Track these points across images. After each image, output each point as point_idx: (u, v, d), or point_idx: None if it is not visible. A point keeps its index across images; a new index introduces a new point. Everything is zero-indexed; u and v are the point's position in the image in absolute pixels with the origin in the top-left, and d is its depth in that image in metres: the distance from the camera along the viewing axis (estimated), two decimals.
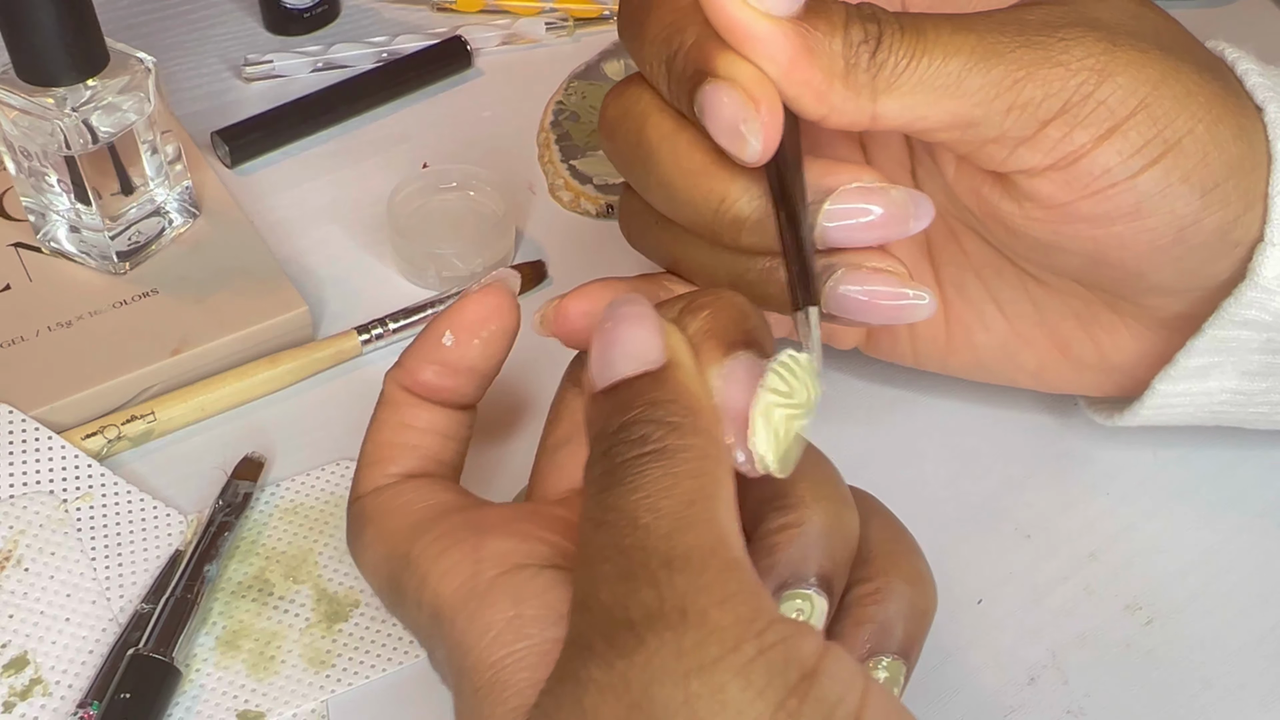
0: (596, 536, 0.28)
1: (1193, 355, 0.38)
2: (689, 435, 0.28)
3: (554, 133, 0.55)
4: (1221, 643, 0.39)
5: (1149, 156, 0.34)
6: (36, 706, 0.37)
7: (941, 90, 0.34)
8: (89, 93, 0.44)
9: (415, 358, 0.35)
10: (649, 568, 0.27)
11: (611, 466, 0.28)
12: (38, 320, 0.46)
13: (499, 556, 0.30)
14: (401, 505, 0.33)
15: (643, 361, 0.30)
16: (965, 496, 0.43)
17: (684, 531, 0.27)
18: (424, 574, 0.31)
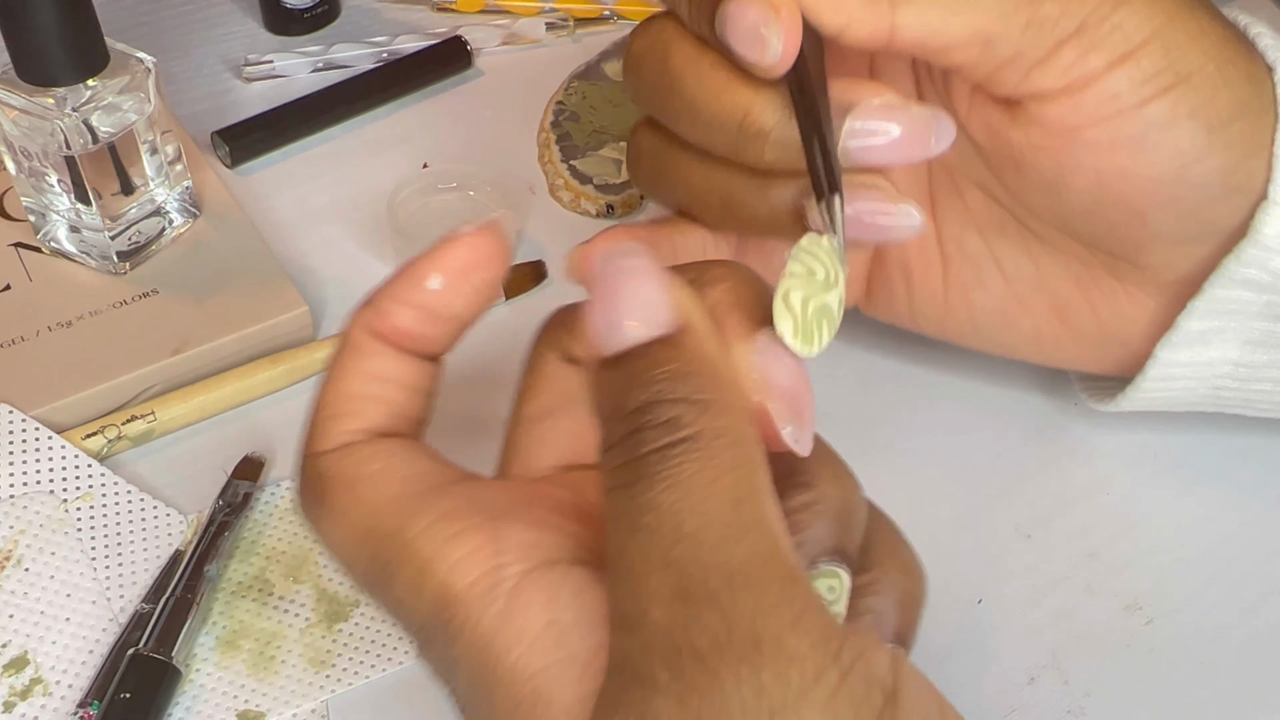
0: (635, 543, 0.25)
1: (1193, 317, 0.38)
2: (720, 415, 0.26)
3: (554, 133, 0.55)
4: (1222, 642, 0.39)
5: (1159, 86, 0.35)
6: (37, 706, 0.37)
7: (960, 2, 0.34)
8: (89, 93, 0.44)
9: (392, 299, 0.31)
10: (708, 586, 0.24)
11: (639, 457, 0.26)
12: (38, 320, 0.46)
13: (523, 549, 0.27)
14: (379, 471, 0.30)
15: (655, 324, 0.27)
16: (965, 496, 0.43)
17: (737, 539, 0.25)
18: (427, 561, 0.28)
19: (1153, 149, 0.35)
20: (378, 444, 0.30)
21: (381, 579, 0.29)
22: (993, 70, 0.35)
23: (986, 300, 0.41)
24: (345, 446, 0.30)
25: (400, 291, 0.31)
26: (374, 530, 0.29)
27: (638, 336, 0.27)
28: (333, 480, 0.30)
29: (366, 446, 0.30)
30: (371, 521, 0.29)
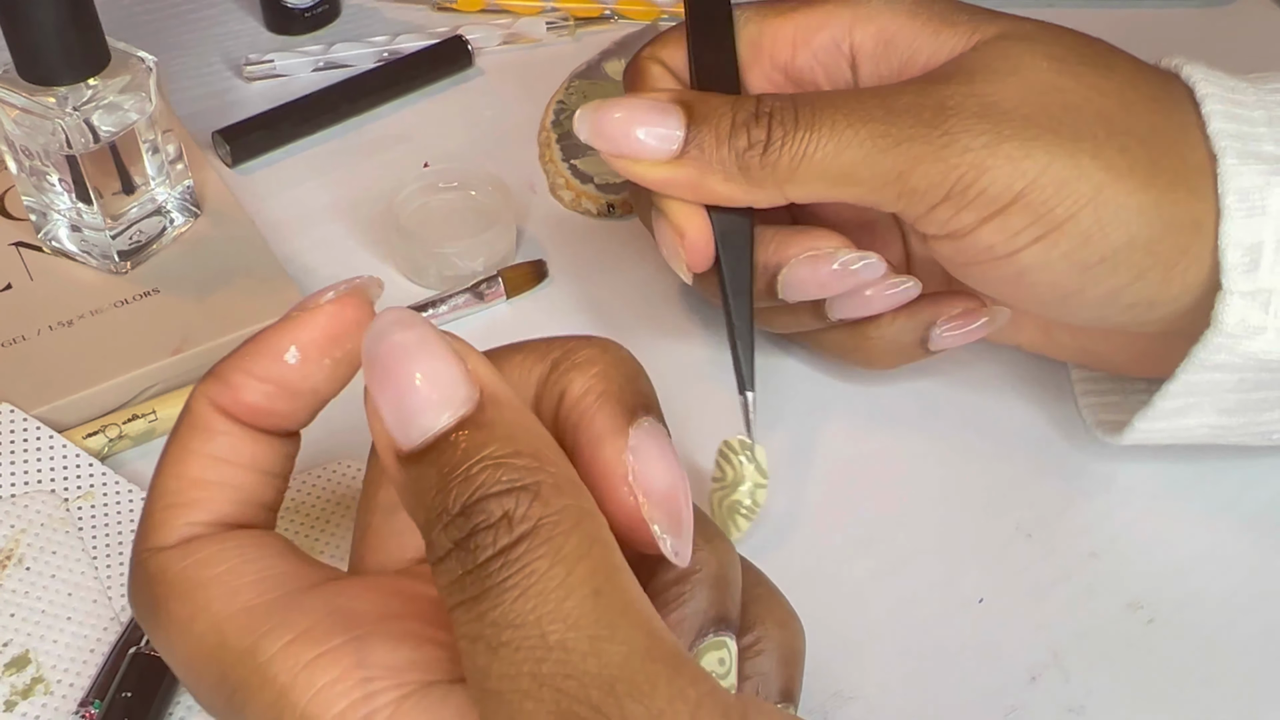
0: (498, 665, 0.23)
1: (1168, 398, 0.39)
2: (553, 497, 0.23)
3: (555, 132, 0.55)
4: (1222, 642, 0.39)
5: (1030, 237, 0.36)
6: (38, 705, 0.37)
7: (836, 178, 0.37)
8: (90, 92, 0.44)
9: (242, 372, 0.28)
10: (590, 701, 0.22)
11: (478, 566, 0.23)
12: (39, 319, 0.46)
13: (393, 671, 0.25)
14: (226, 574, 0.26)
15: (453, 403, 0.24)
16: (965, 496, 0.43)
17: (609, 639, 0.23)
18: (284, 689, 0.24)
19: (1032, 285, 0.38)
20: (224, 539, 0.27)
21: (230, 704, 0.25)
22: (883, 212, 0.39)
23: None
24: (187, 542, 0.27)
25: (251, 364, 0.28)
26: (221, 648, 0.25)
27: (437, 425, 0.24)
28: (172, 584, 0.26)
29: (212, 543, 0.27)
30: (218, 637, 0.25)
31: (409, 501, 0.24)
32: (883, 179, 0.37)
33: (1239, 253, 0.36)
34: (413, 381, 0.24)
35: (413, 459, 0.24)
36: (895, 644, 0.39)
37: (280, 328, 0.28)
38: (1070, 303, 0.38)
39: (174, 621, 0.26)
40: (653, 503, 0.27)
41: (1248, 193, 0.36)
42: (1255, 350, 0.37)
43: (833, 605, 0.40)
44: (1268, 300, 0.36)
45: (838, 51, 0.41)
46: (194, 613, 0.26)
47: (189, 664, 0.26)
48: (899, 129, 0.36)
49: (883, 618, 0.40)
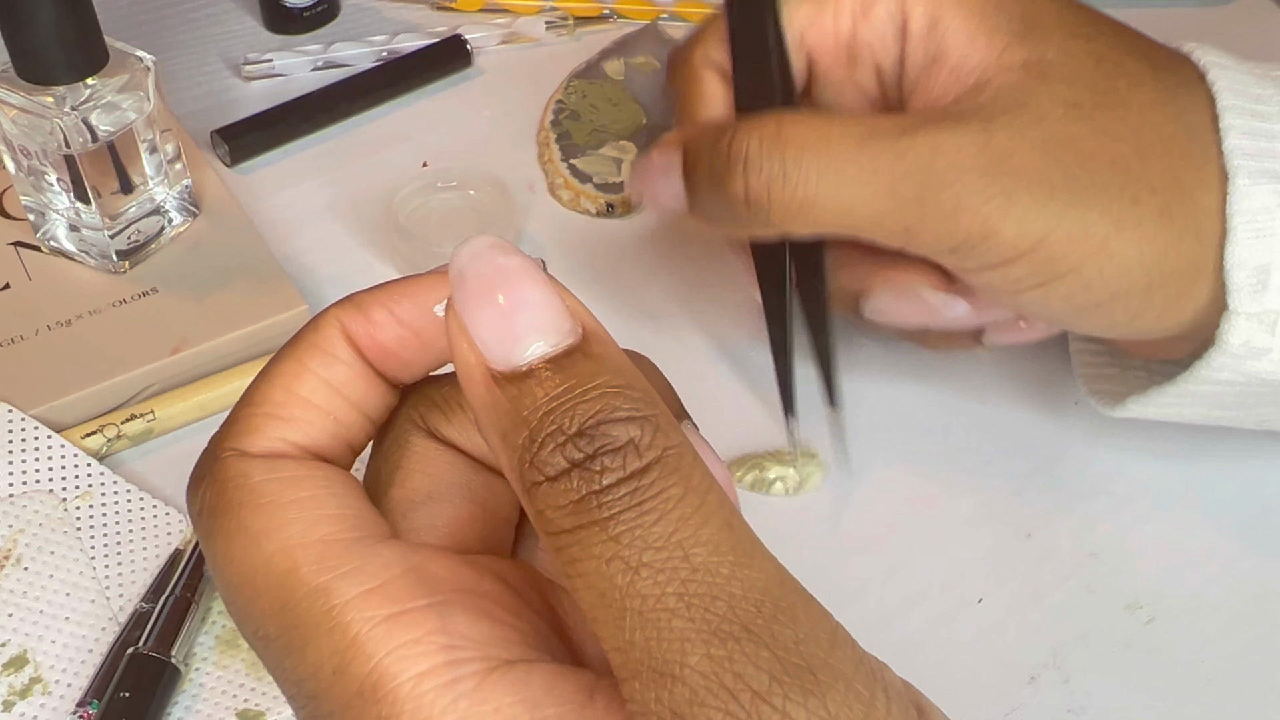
0: (638, 586, 0.22)
1: (1166, 396, 0.39)
2: (671, 431, 0.23)
3: (554, 132, 0.55)
4: (1221, 643, 0.39)
5: (1030, 284, 0.37)
6: (36, 705, 0.37)
7: (842, 225, 0.37)
8: (88, 91, 0.44)
9: (384, 310, 0.27)
10: (741, 620, 0.22)
11: (608, 488, 0.22)
12: (37, 319, 0.46)
13: (476, 644, 0.24)
14: (309, 500, 0.25)
15: (560, 330, 0.23)
16: (965, 497, 0.43)
17: (748, 564, 0.23)
18: (355, 641, 0.23)
19: (1030, 320, 0.40)
20: (312, 466, 0.26)
21: (285, 638, 0.24)
22: None
23: None
24: (275, 456, 0.26)
25: (397, 304, 0.27)
26: (290, 575, 0.24)
27: (544, 349, 0.23)
28: (252, 492, 0.25)
29: (299, 466, 0.26)
30: (289, 563, 0.24)
31: (499, 422, 0.23)
32: (889, 231, 0.37)
33: (1246, 273, 0.36)
34: (517, 303, 0.23)
35: (512, 380, 0.23)
36: (895, 644, 0.39)
37: (435, 278, 0.27)
38: (1067, 328, 0.40)
39: (243, 532, 0.25)
40: None
41: (1256, 214, 0.36)
42: (1260, 370, 0.36)
43: (832, 605, 0.40)
44: (1275, 322, 0.36)
45: (893, 25, 0.40)
46: (268, 530, 0.24)
47: (246, 581, 0.24)
48: (908, 185, 0.36)
49: (882, 618, 0.40)
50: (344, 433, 0.27)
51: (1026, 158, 0.36)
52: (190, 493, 0.26)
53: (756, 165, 0.37)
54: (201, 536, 0.25)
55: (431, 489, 0.28)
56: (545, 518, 0.23)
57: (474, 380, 0.23)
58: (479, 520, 0.28)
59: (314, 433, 0.27)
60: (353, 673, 0.23)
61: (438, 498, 0.28)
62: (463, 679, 0.23)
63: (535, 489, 0.23)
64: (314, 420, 0.27)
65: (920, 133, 0.36)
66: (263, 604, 0.24)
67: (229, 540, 0.25)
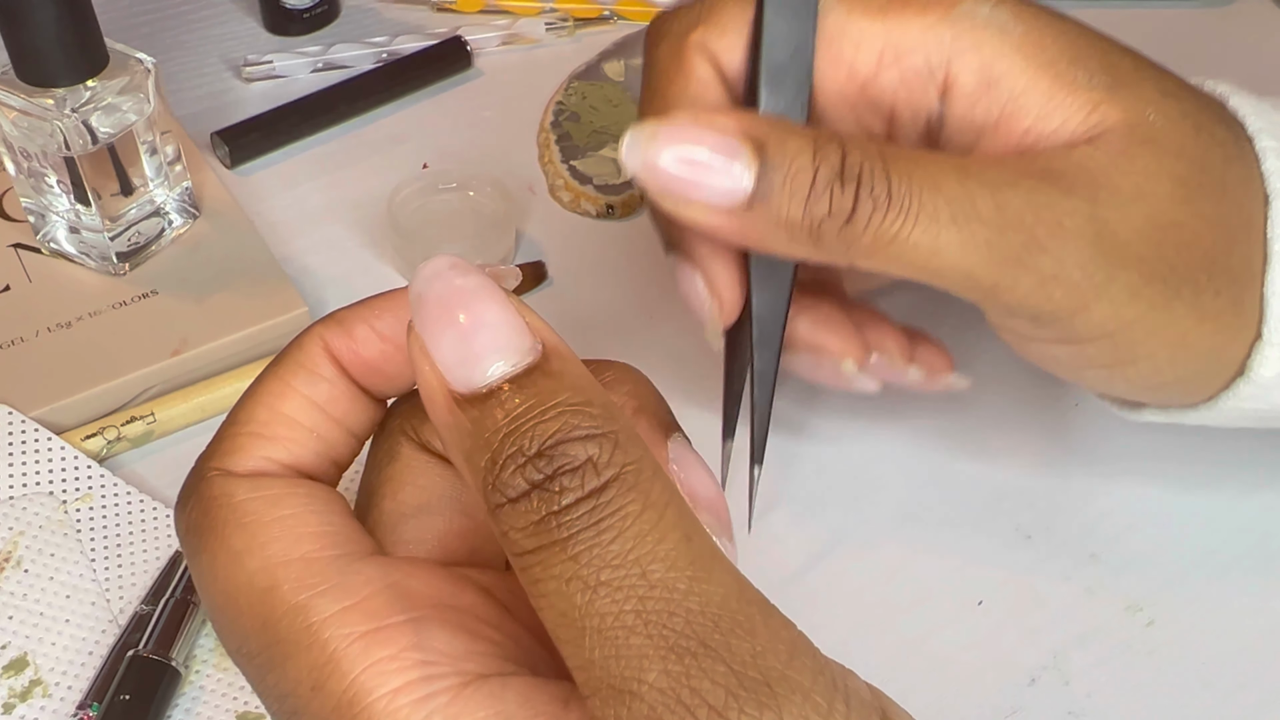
0: (598, 604, 0.22)
1: (1184, 417, 0.38)
2: (630, 446, 0.23)
3: (554, 133, 0.55)
4: (1221, 643, 0.39)
5: (1099, 364, 0.35)
6: (36, 708, 0.37)
7: (922, 269, 0.33)
8: (89, 93, 0.44)
9: (365, 325, 0.27)
10: (698, 636, 0.22)
11: (567, 508, 0.22)
12: (37, 321, 0.46)
13: (451, 658, 0.24)
14: (290, 518, 0.25)
15: (519, 350, 0.23)
16: (965, 497, 0.43)
17: (706, 579, 0.23)
18: (332, 657, 0.24)
19: (1086, 389, 0.39)
20: (295, 484, 0.26)
21: (265, 655, 0.25)
22: None
23: None
24: (258, 475, 0.26)
25: (378, 319, 0.27)
26: (270, 594, 0.24)
27: (503, 369, 0.23)
28: (234, 511, 0.25)
29: (282, 484, 0.26)
30: (269, 581, 0.24)
31: (463, 444, 0.23)
32: (974, 287, 0.33)
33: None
34: (476, 323, 0.23)
35: (473, 401, 0.23)
36: (895, 645, 0.39)
37: None
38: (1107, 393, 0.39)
39: (226, 550, 0.25)
40: (699, 508, 0.27)
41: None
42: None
43: (832, 607, 0.40)
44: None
45: (930, 79, 0.35)
46: (250, 548, 0.25)
47: (229, 600, 0.25)
48: (1006, 242, 0.32)
49: (883, 619, 0.40)
50: (328, 450, 0.28)
51: (1131, 235, 0.33)
52: (177, 512, 0.26)
53: (867, 185, 0.32)
54: (187, 555, 0.26)
55: (421, 501, 0.28)
56: (509, 539, 0.23)
57: (436, 403, 0.24)
58: (469, 532, 0.29)
59: (298, 450, 0.27)
60: (330, 689, 0.24)
61: (428, 510, 0.28)
62: (437, 694, 0.23)
63: (499, 510, 0.23)
64: (298, 438, 0.27)
65: (1023, 187, 0.33)
66: (245, 621, 0.25)
67: (213, 559, 0.25)
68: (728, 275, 0.36)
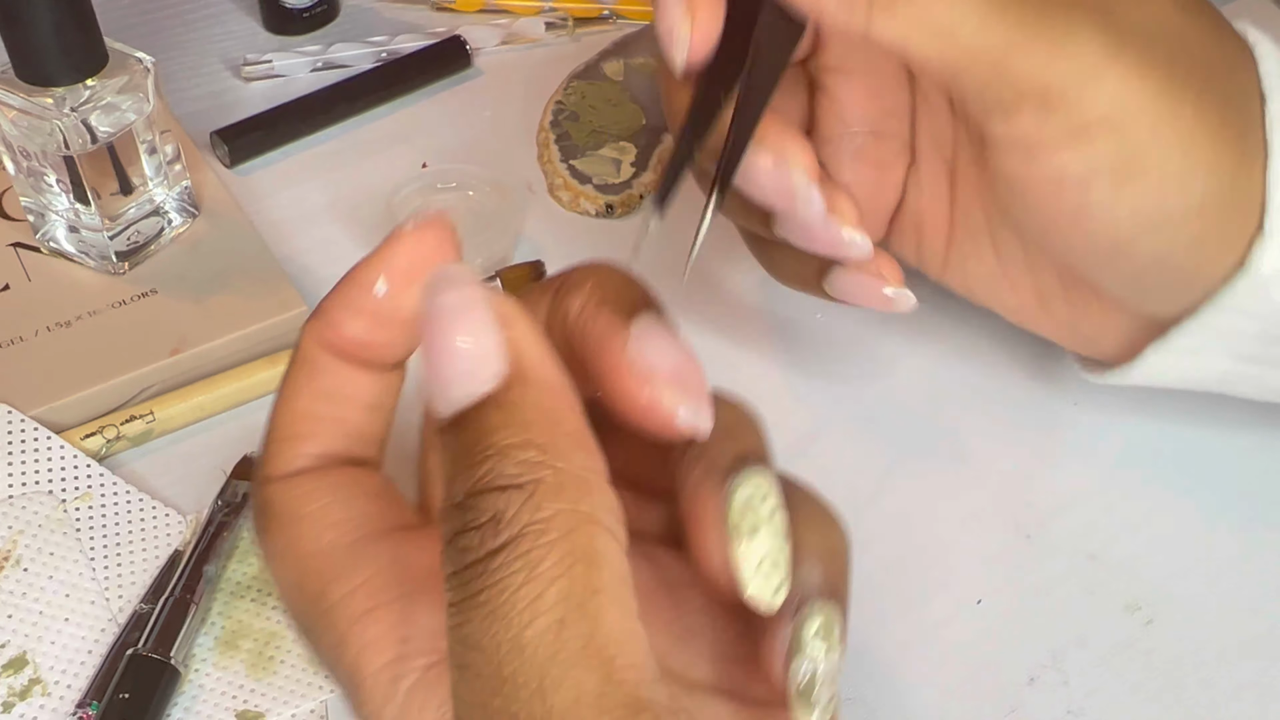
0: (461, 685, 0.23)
1: (1185, 334, 0.38)
2: (547, 498, 0.23)
3: (553, 132, 0.55)
4: (1221, 643, 0.39)
5: (1108, 174, 0.34)
6: (35, 706, 0.37)
7: (936, 29, 0.33)
8: (88, 93, 0.44)
9: (340, 307, 0.29)
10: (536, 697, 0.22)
11: (463, 569, 0.23)
12: (37, 320, 0.46)
13: (430, 635, 0.26)
14: (317, 512, 0.28)
15: (480, 378, 0.24)
16: (965, 496, 0.43)
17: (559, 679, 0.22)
18: (342, 635, 0.26)
19: (1087, 226, 0.35)
20: (323, 476, 0.28)
21: (309, 638, 0.28)
22: (956, 94, 0.36)
23: (979, 269, 0.42)
24: (291, 477, 0.28)
25: (347, 298, 0.29)
26: (301, 586, 0.27)
27: (464, 398, 0.24)
28: (275, 516, 0.28)
29: (310, 479, 0.28)
30: (298, 574, 0.27)
31: (444, 477, 0.24)
32: (986, 48, 0.33)
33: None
34: (451, 348, 0.24)
35: (446, 430, 0.24)
36: (895, 645, 0.39)
37: (369, 260, 0.29)
38: (1116, 257, 0.36)
39: (275, 552, 0.28)
40: (660, 383, 0.27)
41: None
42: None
43: None
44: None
45: None
46: (286, 546, 0.28)
47: (281, 594, 0.28)
48: (1020, 7, 0.33)
49: (882, 618, 0.40)
50: (354, 429, 0.29)
51: (1138, 21, 0.34)
52: (253, 525, 0.29)
53: None
54: (262, 557, 0.29)
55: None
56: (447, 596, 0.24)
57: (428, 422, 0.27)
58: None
59: (325, 440, 0.29)
60: (343, 665, 0.26)
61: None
62: (405, 674, 0.26)
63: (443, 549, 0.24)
64: (319, 430, 0.29)
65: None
66: (292, 611, 0.28)
67: (269, 561, 0.28)
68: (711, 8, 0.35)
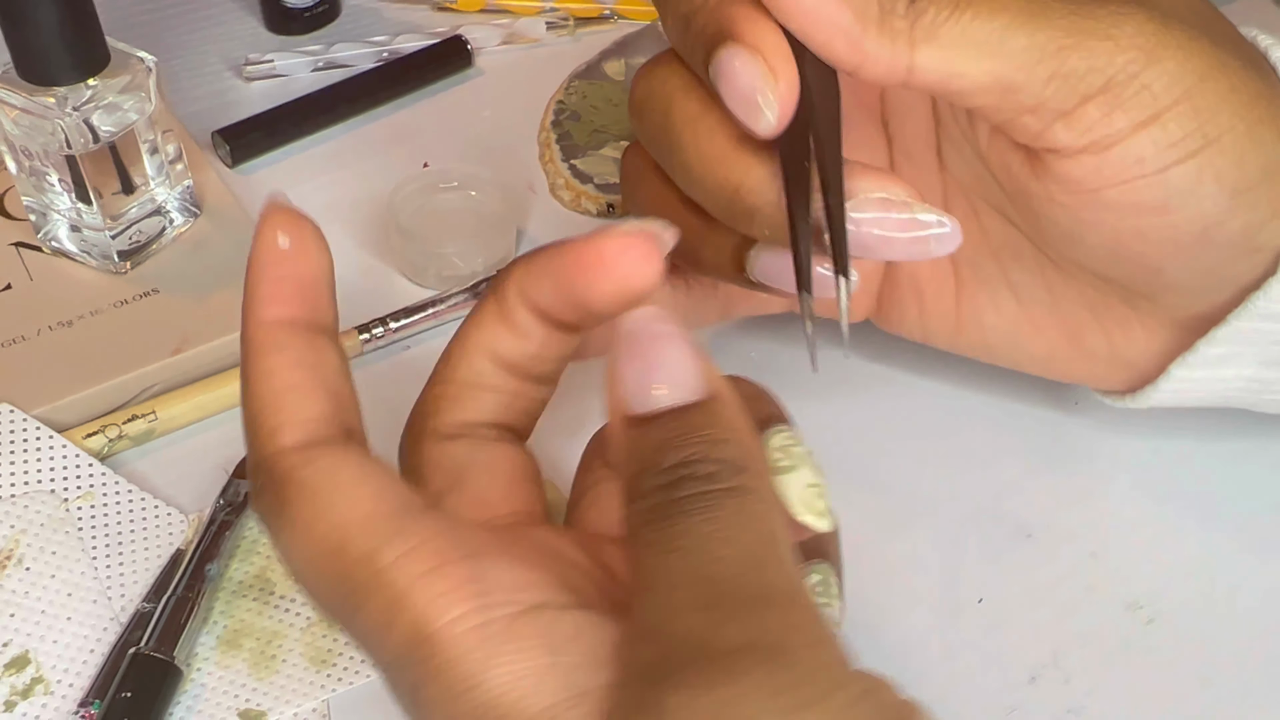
0: (668, 563, 0.26)
1: (1214, 344, 0.37)
2: (756, 480, 0.27)
3: (555, 132, 0.55)
4: (1221, 643, 0.39)
5: (1185, 150, 0.33)
6: (38, 705, 0.37)
7: (983, 47, 0.33)
8: (90, 92, 0.44)
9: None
10: (737, 598, 0.25)
11: (675, 499, 0.26)
12: (39, 320, 0.46)
13: (508, 590, 0.26)
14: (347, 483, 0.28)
15: (686, 389, 0.28)
16: (965, 496, 0.43)
17: (764, 568, 0.26)
18: (398, 595, 0.26)
19: (1174, 213, 0.34)
20: (344, 451, 0.28)
21: (345, 605, 0.27)
22: (1013, 117, 0.34)
23: (999, 322, 0.41)
24: (308, 446, 0.28)
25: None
26: (341, 550, 0.27)
27: (669, 400, 0.27)
28: (299, 485, 0.27)
29: (332, 452, 0.28)
30: (339, 538, 0.27)
31: (626, 454, 0.27)
32: (1040, 51, 0.32)
33: None
34: (659, 360, 0.28)
35: (638, 422, 0.27)
36: (895, 644, 0.39)
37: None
38: (1203, 244, 0.35)
39: (298, 522, 0.27)
40: None
41: None
42: None
43: None
44: None
45: None
46: (318, 514, 0.27)
47: (309, 564, 0.27)
48: (1062, 3, 0.33)
49: (882, 618, 0.40)
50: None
51: (1176, 9, 0.34)
52: (254, 503, 0.29)
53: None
54: (270, 536, 0.28)
55: (443, 483, 0.32)
56: (629, 525, 0.27)
57: (613, 421, 0.28)
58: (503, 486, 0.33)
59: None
60: (401, 624, 0.26)
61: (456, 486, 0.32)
62: (492, 622, 0.26)
63: (631, 505, 0.27)
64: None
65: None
66: (324, 579, 0.27)
67: (290, 533, 0.27)
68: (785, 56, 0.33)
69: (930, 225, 0.34)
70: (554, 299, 0.32)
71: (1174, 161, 0.34)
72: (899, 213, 0.34)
